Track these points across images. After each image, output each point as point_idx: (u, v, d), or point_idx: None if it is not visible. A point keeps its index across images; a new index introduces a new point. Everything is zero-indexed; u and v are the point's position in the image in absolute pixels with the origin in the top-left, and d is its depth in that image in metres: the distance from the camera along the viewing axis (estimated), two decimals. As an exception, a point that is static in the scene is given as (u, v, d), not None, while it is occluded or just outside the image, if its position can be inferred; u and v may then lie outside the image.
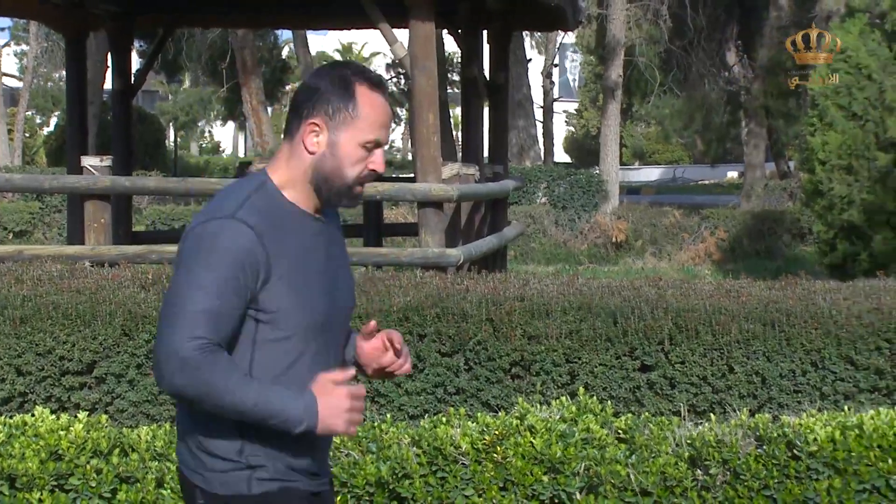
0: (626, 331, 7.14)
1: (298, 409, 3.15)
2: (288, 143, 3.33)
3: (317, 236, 3.35)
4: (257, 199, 3.25)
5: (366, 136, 3.29)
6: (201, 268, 3.15)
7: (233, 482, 3.25)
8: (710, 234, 24.28)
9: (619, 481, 5.32)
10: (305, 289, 3.27)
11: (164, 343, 3.12)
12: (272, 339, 3.24)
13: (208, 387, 3.09)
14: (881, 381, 7.00)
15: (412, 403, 7.16)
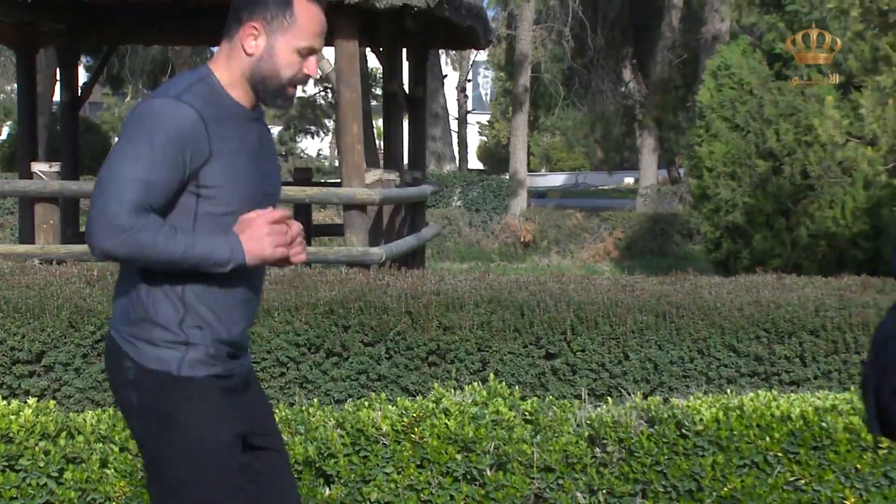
0: (532, 322, 7.16)
1: (225, 248, 3.15)
2: (227, 43, 3.31)
3: (251, 128, 3.34)
4: (200, 88, 3.23)
5: (301, 42, 3.28)
6: (140, 141, 3.11)
7: (166, 359, 3.21)
8: (609, 235, 24.41)
9: (525, 459, 5.33)
10: (243, 170, 3.25)
11: (97, 209, 3.08)
12: (212, 212, 3.21)
13: (137, 245, 3.06)
14: (760, 367, 7.07)
15: (337, 389, 7.14)
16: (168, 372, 3.22)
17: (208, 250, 3.14)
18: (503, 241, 24.82)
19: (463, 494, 5.34)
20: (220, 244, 3.16)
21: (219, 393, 3.28)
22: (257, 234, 3.19)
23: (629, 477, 5.30)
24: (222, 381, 3.29)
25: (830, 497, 5.17)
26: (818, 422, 5.22)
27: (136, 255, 3.08)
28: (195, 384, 3.23)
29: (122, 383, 3.28)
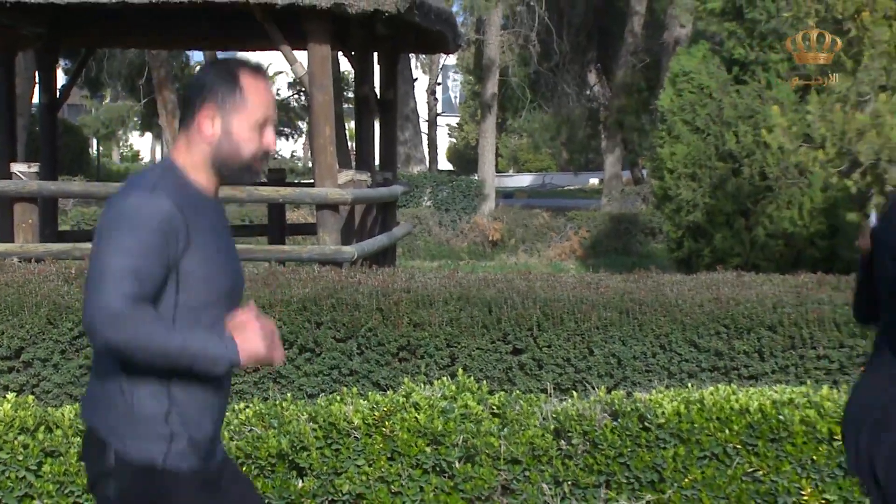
0: (499, 318, 7.18)
1: (220, 347, 3.09)
2: (185, 132, 3.28)
3: (217, 216, 3.32)
4: (169, 178, 3.21)
5: (255, 117, 3.26)
6: (125, 234, 3.06)
7: (150, 451, 3.15)
8: (575, 234, 24.45)
9: (493, 451, 5.34)
10: (218, 260, 3.23)
11: (94, 301, 3.01)
12: (192, 305, 3.17)
13: (138, 337, 2.99)
14: (720, 362, 7.10)
15: (310, 384, 7.13)
16: (152, 465, 3.16)
17: (203, 347, 3.08)
18: (472, 240, 24.83)
19: (432, 486, 5.35)
20: (216, 343, 3.10)
21: (200, 488, 3.24)
22: (252, 336, 3.15)
23: (593, 468, 5.32)
24: (203, 475, 3.25)
25: (787, 487, 5.21)
26: (776, 415, 5.25)
27: (133, 347, 3.01)
28: (178, 478, 3.18)
29: (100, 474, 3.21)
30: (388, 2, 11.05)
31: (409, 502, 5.35)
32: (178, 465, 3.18)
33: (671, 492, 5.26)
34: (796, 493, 5.20)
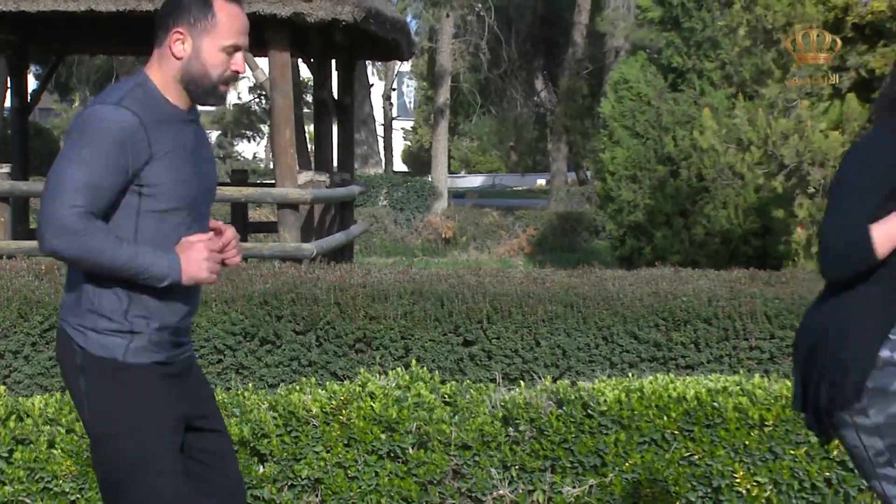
0: (451, 312, 7.18)
1: (164, 265, 3.13)
2: (158, 49, 3.28)
3: (187, 128, 3.31)
4: (138, 93, 3.21)
5: (225, 41, 3.26)
6: (85, 146, 3.09)
7: (111, 347, 3.20)
8: (523, 232, 24.51)
9: (445, 438, 5.34)
10: (181, 169, 3.23)
11: (46, 211, 3.05)
12: (153, 209, 3.19)
13: (84, 249, 3.04)
14: (658, 352, 7.14)
15: (271, 374, 7.10)
16: (114, 359, 3.20)
17: (148, 264, 3.12)
18: (426, 237, 24.84)
19: (387, 471, 5.34)
20: (161, 260, 3.14)
21: (162, 378, 3.26)
22: (196, 258, 3.18)
23: (539, 454, 5.33)
24: (165, 367, 3.28)
25: (721, 471, 5.24)
26: (711, 402, 5.28)
27: (81, 257, 3.06)
28: (139, 370, 3.21)
29: (71, 369, 3.26)
30: (345, 11, 11.04)
31: (365, 487, 5.35)
32: (139, 359, 3.22)
33: (613, 475, 5.29)
34: (729, 475, 5.23)
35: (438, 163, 29.14)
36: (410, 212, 26.48)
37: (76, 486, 5.37)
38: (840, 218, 3.21)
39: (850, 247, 3.18)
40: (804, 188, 9.80)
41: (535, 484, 5.35)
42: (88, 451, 5.32)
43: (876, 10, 9.81)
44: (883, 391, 3.23)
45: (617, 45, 27.04)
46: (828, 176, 9.69)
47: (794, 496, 5.22)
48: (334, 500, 5.36)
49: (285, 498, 5.36)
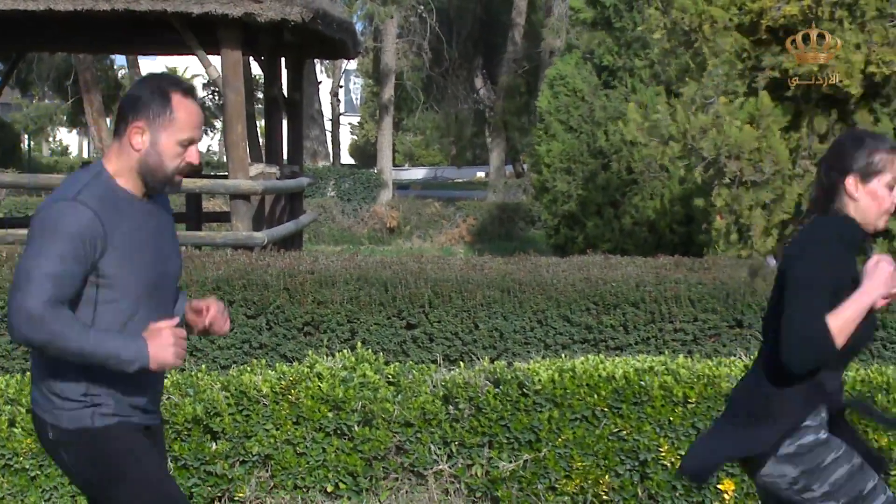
0: (395, 297, 7.18)
1: (131, 351, 3.12)
2: (117, 141, 3.27)
3: (146, 215, 3.29)
4: (94, 185, 3.19)
5: (181, 135, 3.25)
6: (47, 241, 3.09)
7: (79, 417, 3.21)
8: (463, 221, 24.51)
9: (388, 416, 5.34)
10: (137, 258, 3.22)
11: (16, 302, 3.06)
12: (109, 300, 3.18)
13: (52, 335, 3.04)
14: (590, 335, 7.18)
15: (223, 356, 7.07)
16: (85, 427, 3.22)
17: (116, 350, 3.12)
18: (371, 226, 24.77)
19: (334, 447, 5.34)
20: (129, 346, 3.13)
21: (134, 431, 3.29)
22: (163, 344, 3.17)
23: (478, 430, 5.35)
24: (133, 424, 3.30)
25: (647, 445, 5.28)
26: (638, 381, 5.32)
27: (50, 344, 3.07)
28: (111, 429, 3.24)
29: (51, 447, 3.30)
30: (294, 12, 10.99)
31: (313, 462, 5.34)
32: (107, 422, 3.23)
33: (546, 450, 5.31)
34: (655, 449, 5.28)
35: (383, 156, 29.09)
36: (357, 202, 26.39)
37: (36, 462, 5.32)
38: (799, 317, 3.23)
39: (814, 344, 3.21)
40: (721, 179, 9.89)
41: (474, 459, 5.36)
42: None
43: (788, 13, 9.91)
44: (817, 468, 3.33)
45: (552, 46, 27.10)
46: (743, 168, 9.78)
47: (715, 468, 5.27)
48: (283, 475, 5.35)
49: (237, 473, 5.34)
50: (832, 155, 3.45)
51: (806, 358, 3.23)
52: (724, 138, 9.59)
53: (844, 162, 3.39)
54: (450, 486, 5.40)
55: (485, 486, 5.37)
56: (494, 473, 5.34)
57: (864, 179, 3.37)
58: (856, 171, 3.37)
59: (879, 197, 3.37)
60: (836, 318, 3.22)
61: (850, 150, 3.40)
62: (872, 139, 3.42)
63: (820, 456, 3.31)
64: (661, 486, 5.27)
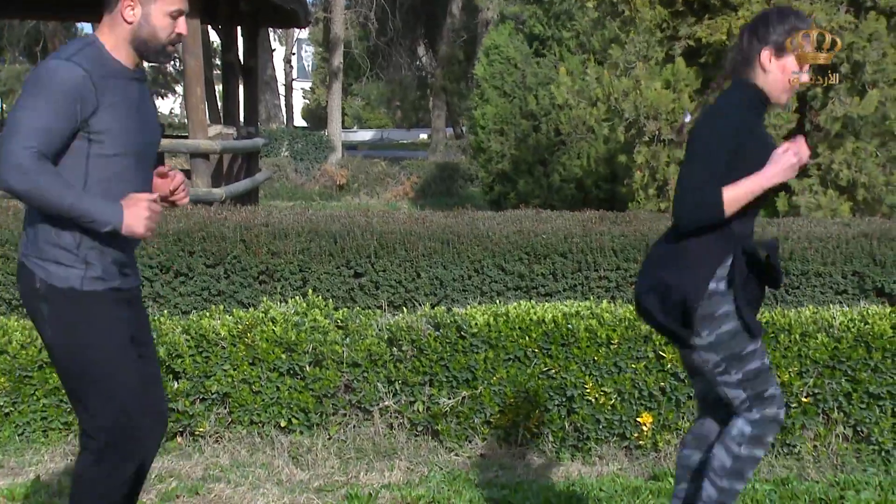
0: (343, 248, 7.13)
1: (107, 213, 3.08)
2: (108, 15, 3.23)
3: (133, 84, 3.26)
4: (88, 51, 3.17)
5: (170, 6, 3.24)
6: (39, 95, 3.05)
7: (70, 277, 3.15)
8: (407, 179, 24.45)
9: (337, 357, 5.31)
10: (127, 118, 3.19)
11: (2, 150, 3.00)
12: (102, 154, 3.14)
13: (35, 186, 2.99)
14: (522, 282, 7.19)
15: (184, 303, 6.99)
16: (72, 287, 3.16)
17: (92, 209, 3.07)
18: (322, 184, 24.63)
19: (287, 386, 5.31)
20: (105, 208, 3.09)
21: (115, 303, 3.24)
22: (138, 214, 3.13)
23: (420, 370, 5.34)
24: (117, 293, 3.26)
25: (574, 383, 5.30)
26: (565, 324, 5.33)
27: (32, 194, 3.01)
28: (95, 296, 3.19)
29: (33, 298, 3.20)
30: (249, -17, 10.83)
31: (268, 400, 5.30)
32: (94, 287, 3.19)
33: (482, 388, 5.32)
34: (581, 387, 5.30)
35: (333, 119, 28.90)
36: (309, 162, 26.19)
37: (9, 399, 5.24)
38: (695, 179, 3.19)
39: (704, 207, 3.19)
40: (641, 138, 9.94)
41: (416, 396, 5.36)
42: (26, 372, 5.18)
43: (702, -14, 9.97)
44: (711, 316, 3.31)
45: (488, 17, 26.97)
46: (661, 127, 9.83)
47: (635, 403, 5.31)
48: (240, 411, 5.31)
49: (197, 410, 5.29)
50: (756, 25, 3.37)
51: (694, 218, 3.21)
52: (644, 100, 9.62)
53: (765, 34, 3.33)
54: (394, 420, 5.39)
55: (426, 421, 5.37)
56: (435, 409, 5.34)
57: (778, 54, 3.33)
58: (773, 44, 3.33)
59: (788, 73, 3.34)
60: (730, 190, 3.21)
61: (773, 23, 3.33)
62: (796, 18, 3.35)
63: (740, 345, 3.31)
64: (585, 420, 5.30)
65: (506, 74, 16.47)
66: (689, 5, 10.24)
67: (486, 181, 17.29)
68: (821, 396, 5.23)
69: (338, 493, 4.81)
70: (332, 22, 29.77)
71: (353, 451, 5.27)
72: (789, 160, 3.30)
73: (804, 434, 5.26)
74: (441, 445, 5.35)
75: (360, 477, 5.01)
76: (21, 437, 5.29)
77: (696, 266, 3.30)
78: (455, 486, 4.84)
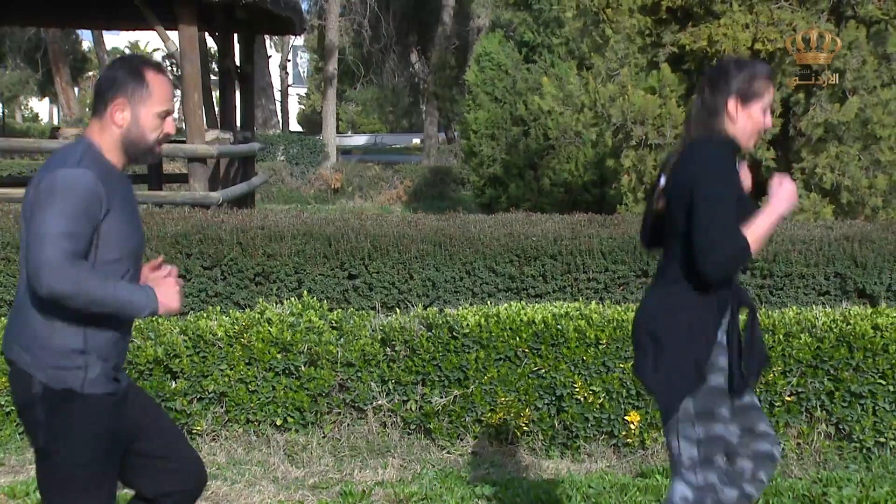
0: (338, 250, 7.12)
1: (143, 297, 3.06)
2: (98, 120, 3.20)
3: (126, 187, 3.24)
4: (90, 156, 3.13)
5: (158, 108, 3.21)
6: (60, 203, 3.00)
7: (69, 379, 3.09)
8: (400, 183, 24.43)
9: (332, 357, 5.30)
10: (128, 222, 3.17)
11: (40, 257, 2.96)
12: (106, 259, 3.11)
13: (78, 284, 2.95)
14: (512, 284, 7.18)
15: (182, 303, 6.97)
16: (71, 389, 3.10)
17: (131, 296, 3.05)
18: (317, 187, 24.60)
19: (282, 385, 5.29)
20: (140, 293, 3.08)
21: (113, 407, 3.19)
22: (170, 292, 3.14)
23: (412, 370, 5.33)
24: (113, 396, 3.20)
25: (563, 382, 5.30)
26: (555, 325, 5.33)
27: (75, 293, 2.97)
28: (95, 400, 3.13)
29: (27, 401, 3.13)
30: (245, -9, 10.83)
31: (264, 399, 5.29)
32: (94, 390, 3.13)
33: (473, 387, 5.31)
34: (570, 386, 5.30)
35: (328, 124, 28.87)
36: (304, 166, 26.16)
37: (10, 399, 5.21)
38: (723, 230, 3.15)
39: (738, 254, 3.15)
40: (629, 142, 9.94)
41: (409, 395, 5.35)
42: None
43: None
44: (710, 413, 3.27)
45: (479, 24, 26.97)
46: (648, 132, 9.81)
47: (623, 402, 5.31)
48: (237, 410, 5.30)
49: (195, 409, 5.28)
50: (716, 76, 3.37)
51: (727, 266, 3.16)
52: (630, 105, 9.62)
53: (727, 84, 3.33)
54: (387, 419, 5.38)
55: (419, 419, 5.36)
56: (427, 408, 5.33)
57: (744, 102, 3.33)
58: (737, 93, 3.33)
59: (755, 119, 3.34)
60: (752, 232, 3.20)
61: (733, 73, 3.34)
62: (753, 65, 3.37)
63: (716, 404, 3.26)
64: (574, 418, 5.30)
65: (497, 80, 16.47)
66: (672, 13, 10.26)
67: (477, 185, 17.28)
68: (804, 395, 5.23)
69: (332, 490, 4.80)
70: (326, 29, 29.75)
71: (347, 449, 5.26)
72: (789, 187, 3.30)
73: (788, 432, 5.26)
74: (433, 443, 5.35)
75: (355, 474, 5.00)
76: (21, 436, 5.26)
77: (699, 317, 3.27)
78: (447, 483, 4.83)
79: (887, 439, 5.20)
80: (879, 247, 7.19)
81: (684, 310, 3.27)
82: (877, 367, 5.16)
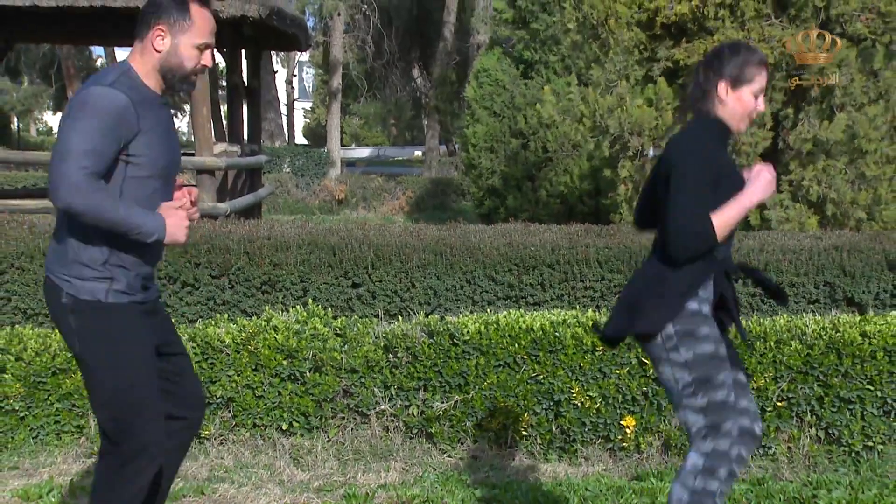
0: (342, 260, 7.11)
1: (153, 224, 3.11)
2: (139, 43, 3.24)
3: (163, 109, 3.28)
4: (125, 78, 3.17)
5: (198, 39, 3.24)
6: (86, 119, 3.03)
7: (95, 290, 3.16)
8: (403, 194, 24.44)
9: (336, 363, 5.30)
10: (159, 143, 3.20)
11: (59, 171, 2.99)
12: (136, 176, 3.15)
13: (93, 204, 2.99)
14: (512, 292, 7.18)
15: (190, 311, 6.97)
16: (97, 300, 3.16)
17: (141, 222, 3.09)
18: (322, 199, 24.61)
19: (288, 391, 5.29)
20: (150, 220, 3.12)
21: (138, 315, 3.25)
22: (179, 223, 3.18)
23: (414, 376, 5.33)
24: (140, 306, 3.26)
25: (561, 387, 5.29)
26: (553, 332, 5.32)
27: (89, 211, 3.01)
28: (119, 308, 3.19)
29: (60, 312, 3.20)
30: (252, 9, 10.84)
31: (270, 404, 5.29)
32: (118, 300, 3.19)
33: (474, 392, 5.31)
34: (567, 391, 5.29)
35: (332, 137, 28.90)
36: (309, 178, 26.18)
37: (24, 404, 5.21)
38: (687, 211, 3.16)
39: (701, 237, 3.17)
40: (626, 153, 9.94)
41: (411, 400, 5.34)
42: (40, 378, 5.16)
43: (679, 12, 9.98)
44: (692, 333, 3.28)
45: (479, 41, 27.01)
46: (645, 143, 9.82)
47: (619, 407, 5.31)
48: (244, 415, 5.29)
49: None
50: (710, 60, 3.40)
51: (690, 249, 3.19)
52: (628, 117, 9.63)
53: (720, 68, 3.36)
54: (390, 424, 5.37)
55: (420, 424, 5.35)
56: (429, 413, 5.32)
57: (735, 85, 3.35)
58: (728, 77, 3.35)
59: (745, 102, 3.36)
60: (719, 216, 3.22)
61: (726, 57, 3.36)
62: (747, 51, 3.39)
63: (697, 324, 3.27)
64: (572, 423, 5.29)
65: (495, 96, 16.49)
66: (666, 29, 10.28)
67: (477, 196, 17.29)
68: (794, 400, 5.22)
69: (336, 492, 4.79)
70: (331, 45, 29.81)
71: (350, 453, 5.25)
72: (766, 177, 3.31)
73: (778, 436, 5.25)
74: (434, 447, 5.34)
75: (358, 477, 4.99)
76: (35, 440, 5.26)
77: (677, 282, 3.28)
78: (448, 486, 4.82)
79: (875, 443, 5.20)
80: (867, 256, 7.19)
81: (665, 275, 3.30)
82: (865, 373, 5.16)
